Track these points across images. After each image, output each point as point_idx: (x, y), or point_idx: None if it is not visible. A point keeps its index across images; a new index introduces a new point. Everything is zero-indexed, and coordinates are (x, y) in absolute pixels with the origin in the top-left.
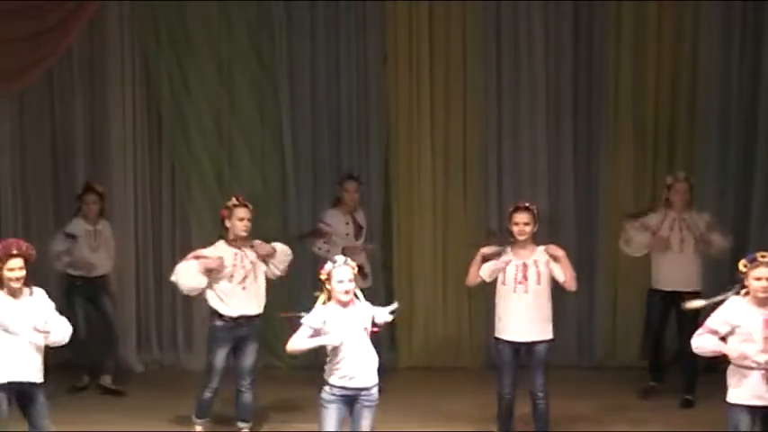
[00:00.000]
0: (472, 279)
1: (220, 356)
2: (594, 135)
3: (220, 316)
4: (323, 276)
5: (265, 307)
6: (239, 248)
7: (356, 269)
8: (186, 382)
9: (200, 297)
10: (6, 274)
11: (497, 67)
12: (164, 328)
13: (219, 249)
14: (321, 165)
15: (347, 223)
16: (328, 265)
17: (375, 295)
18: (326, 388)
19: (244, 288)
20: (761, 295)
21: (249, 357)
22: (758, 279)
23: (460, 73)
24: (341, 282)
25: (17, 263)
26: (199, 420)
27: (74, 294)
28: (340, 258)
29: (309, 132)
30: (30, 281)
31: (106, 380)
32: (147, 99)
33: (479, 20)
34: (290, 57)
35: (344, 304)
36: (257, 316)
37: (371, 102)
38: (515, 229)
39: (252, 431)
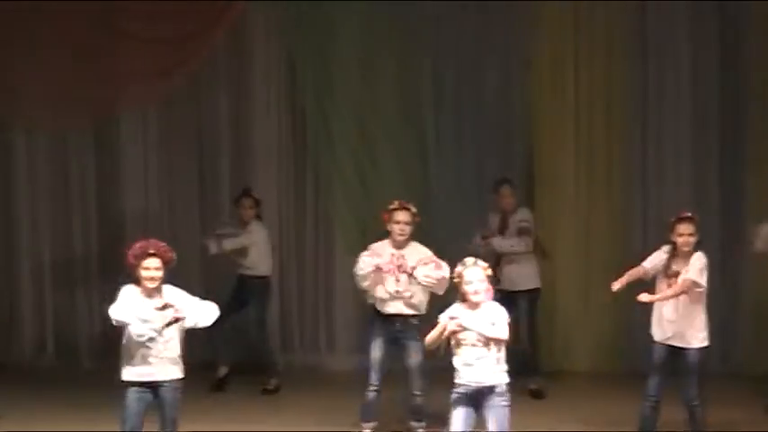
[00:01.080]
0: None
1: (376, 352)
2: (740, 138)
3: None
4: (455, 279)
5: None
6: (397, 249)
7: (489, 270)
8: (327, 383)
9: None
10: (142, 273)
11: (642, 70)
12: (306, 329)
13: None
14: (464, 167)
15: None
16: (459, 267)
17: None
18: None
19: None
20: None
21: (411, 357)
22: None
23: (605, 76)
24: (470, 283)
25: (153, 263)
26: (364, 424)
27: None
28: (469, 260)
29: (453, 135)
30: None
31: (272, 383)
32: (292, 101)
33: (624, 22)
34: (434, 60)
35: (475, 305)
36: (413, 316)
37: (515, 104)
38: (680, 240)
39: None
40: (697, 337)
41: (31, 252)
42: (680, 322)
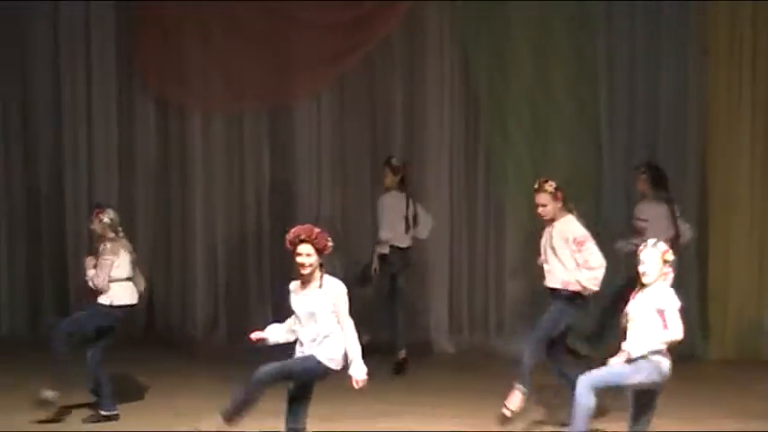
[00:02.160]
0: None
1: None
2: None
3: None
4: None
5: None
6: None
7: (669, 254)
8: (495, 365)
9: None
10: (296, 259)
11: None
12: (475, 310)
13: None
14: (636, 154)
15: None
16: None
17: (688, 284)
18: None
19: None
20: None
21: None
22: None
23: None
24: (642, 263)
25: (305, 248)
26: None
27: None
28: (651, 240)
29: (625, 124)
30: (323, 270)
31: (401, 354)
32: (466, 86)
33: None
34: (608, 50)
35: (642, 286)
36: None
37: (690, 96)
38: None
39: None
40: None
41: (205, 234)
42: None
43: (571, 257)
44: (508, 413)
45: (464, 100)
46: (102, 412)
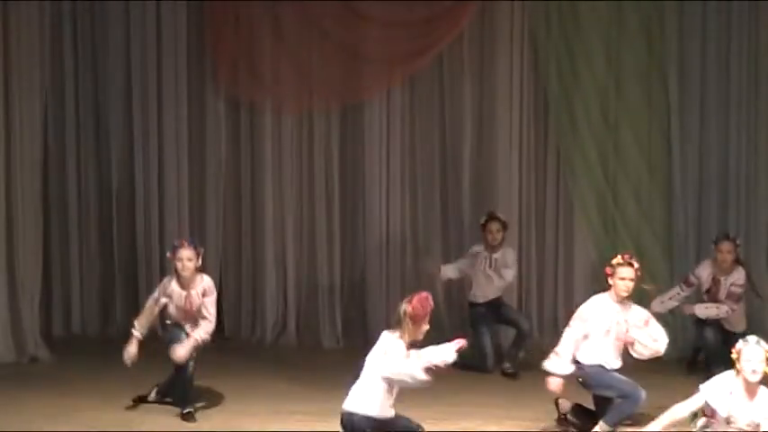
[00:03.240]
0: None
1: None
2: None
3: None
4: (733, 354)
5: None
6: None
7: None
8: None
9: None
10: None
11: None
12: (545, 313)
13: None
14: (707, 152)
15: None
16: (740, 344)
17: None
18: None
19: None
20: None
21: None
22: None
23: None
24: (749, 361)
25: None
26: None
27: (476, 319)
28: (752, 338)
29: (697, 120)
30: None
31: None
32: (535, 84)
33: None
34: (679, 45)
35: (751, 390)
36: None
37: (761, 92)
38: None
39: None
40: None
41: (275, 233)
42: None
43: None
44: None
45: (534, 95)
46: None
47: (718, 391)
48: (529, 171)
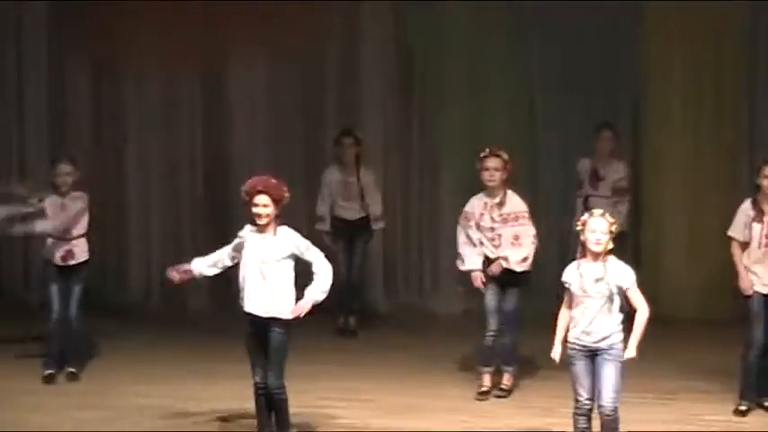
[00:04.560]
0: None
1: (489, 298)
2: None
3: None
4: (578, 226)
5: None
6: (490, 198)
7: (615, 226)
8: (430, 326)
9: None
10: (252, 209)
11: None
12: (410, 270)
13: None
14: (570, 111)
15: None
16: (586, 215)
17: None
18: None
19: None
20: None
21: (508, 302)
22: None
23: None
24: (594, 231)
25: (262, 199)
26: (482, 368)
27: (333, 238)
28: (597, 210)
29: (560, 79)
30: (278, 220)
31: (352, 321)
32: (400, 44)
33: None
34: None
35: (595, 257)
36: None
37: (623, 46)
38: (765, 182)
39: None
40: None
41: (140, 197)
42: None
43: None
44: None
45: (398, 56)
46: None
47: (570, 271)
48: (395, 131)
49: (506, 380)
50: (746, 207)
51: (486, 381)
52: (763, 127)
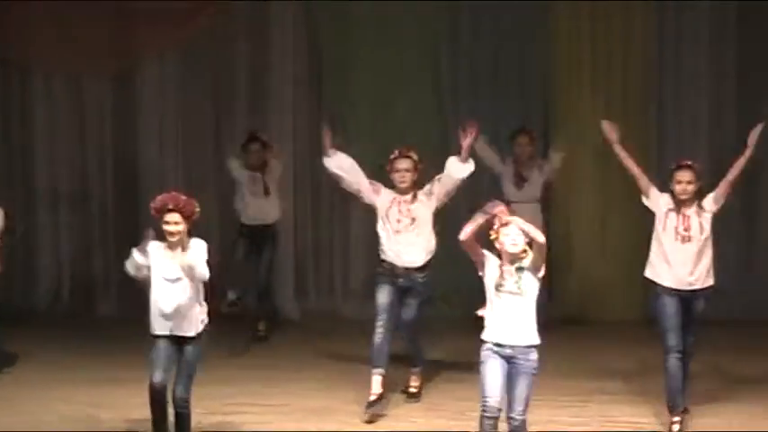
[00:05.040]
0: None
1: (381, 298)
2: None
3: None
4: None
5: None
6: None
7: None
8: (341, 329)
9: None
10: (163, 227)
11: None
12: (321, 274)
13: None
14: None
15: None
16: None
17: None
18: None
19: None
20: None
21: (408, 310)
22: None
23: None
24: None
25: (173, 217)
26: (373, 369)
27: (238, 242)
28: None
29: (469, 81)
30: (190, 234)
31: (261, 326)
32: (308, 46)
33: None
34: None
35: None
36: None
37: (533, 50)
38: (678, 188)
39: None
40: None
41: (48, 197)
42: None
43: None
44: None
45: (307, 57)
46: None
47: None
48: (303, 134)
49: (413, 381)
50: (666, 200)
51: (376, 387)
52: (671, 127)
